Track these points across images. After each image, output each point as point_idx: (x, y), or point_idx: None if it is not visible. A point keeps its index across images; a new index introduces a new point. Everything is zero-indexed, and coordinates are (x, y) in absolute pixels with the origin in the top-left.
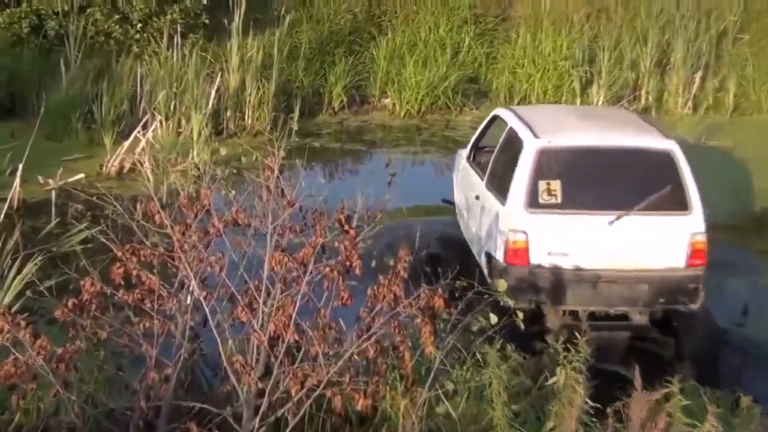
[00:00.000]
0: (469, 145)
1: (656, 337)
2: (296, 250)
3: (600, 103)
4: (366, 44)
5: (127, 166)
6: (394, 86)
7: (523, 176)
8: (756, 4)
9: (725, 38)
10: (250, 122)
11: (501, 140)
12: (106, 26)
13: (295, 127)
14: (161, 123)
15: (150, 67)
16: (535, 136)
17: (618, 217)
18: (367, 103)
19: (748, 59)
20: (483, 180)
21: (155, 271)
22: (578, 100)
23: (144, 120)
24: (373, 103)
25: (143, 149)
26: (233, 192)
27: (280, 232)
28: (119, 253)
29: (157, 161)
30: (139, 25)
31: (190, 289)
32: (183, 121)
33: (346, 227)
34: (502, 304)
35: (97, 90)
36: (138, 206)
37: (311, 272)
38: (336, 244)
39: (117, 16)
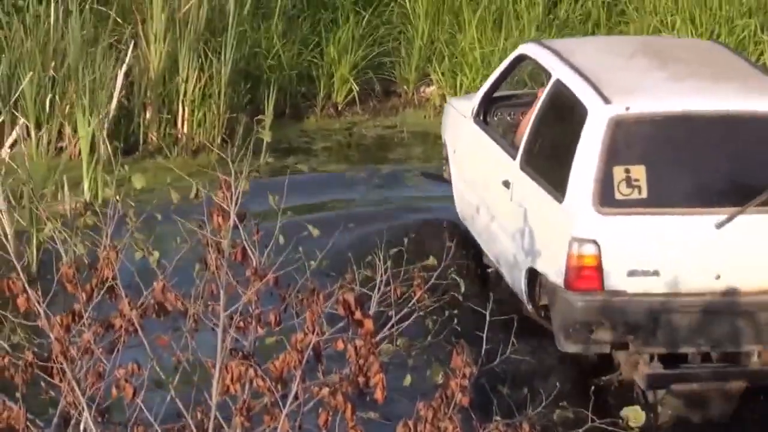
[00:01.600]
0: (479, 96)
1: None
2: (270, 357)
3: None
4: None
5: None
6: (442, 64)
7: (589, 160)
8: None
9: None
10: (185, 129)
11: (543, 97)
12: None
13: (267, 139)
14: (28, 131)
15: (9, 34)
16: (604, 99)
17: (729, 218)
18: (395, 94)
19: None
20: (515, 157)
21: (19, 395)
22: None
23: None
24: (406, 94)
25: None
26: (156, 254)
27: (241, 324)
28: None
29: (21, 199)
30: None
31: (81, 427)
32: (67, 129)
33: (358, 315)
34: None
35: None
36: None
37: (296, 396)
38: (340, 345)
39: None
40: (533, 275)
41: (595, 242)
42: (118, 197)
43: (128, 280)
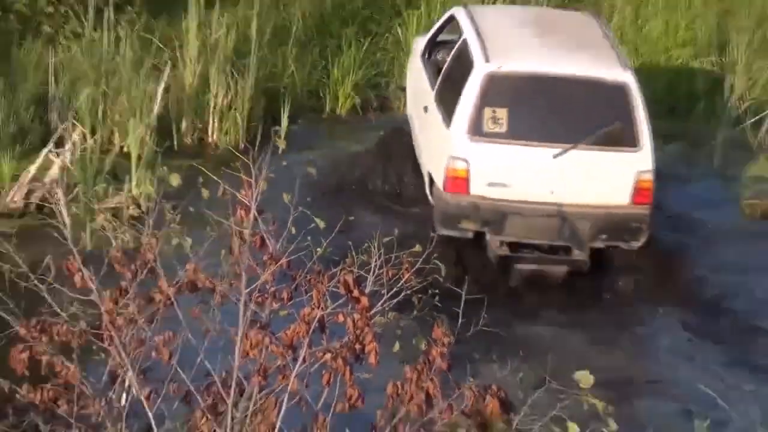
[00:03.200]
0: (425, 40)
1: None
2: (282, 327)
3: (735, 108)
4: (388, 22)
5: (34, 201)
6: None
7: (469, 101)
8: None
9: None
10: (214, 137)
11: (454, 49)
12: None
13: (282, 145)
14: (84, 137)
15: (68, 55)
16: (486, 58)
17: (563, 151)
18: (389, 108)
19: None
20: (433, 90)
21: (75, 357)
22: (701, 104)
23: (59, 132)
24: (398, 108)
25: (57, 176)
26: (189, 241)
27: (259, 300)
28: (22, 331)
29: (78, 194)
30: None
31: (126, 384)
32: (116, 135)
33: (356, 293)
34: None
35: None
36: (49, 262)
37: (304, 360)
38: (341, 318)
39: None
40: (431, 178)
41: (465, 160)
42: (159, 193)
43: (169, 262)
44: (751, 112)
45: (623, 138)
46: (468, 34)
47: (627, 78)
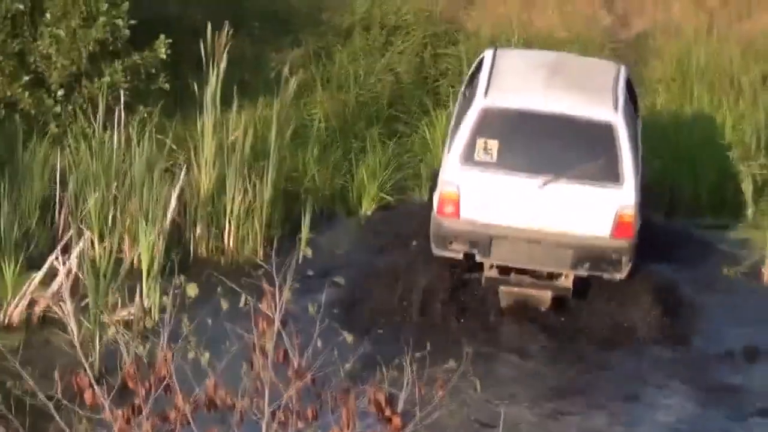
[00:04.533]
0: (466, 79)
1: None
2: None
3: None
4: (415, 121)
5: (39, 311)
6: None
7: (465, 132)
8: None
9: None
10: (231, 244)
11: (472, 87)
12: (8, 92)
13: (308, 254)
14: (92, 244)
15: (76, 157)
16: (485, 93)
17: (547, 182)
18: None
19: None
20: (451, 122)
21: None
22: (749, 210)
23: (65, 239)
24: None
25: (63, 285)
26: (207, 355)
27: (282, 419)
28: None
29: (86, 305)
30: (61, 91)
31: None
32: (126, 242)
33: (388, 412)
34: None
35: None
36: (56, 377)
37: None
38: None
39: (26, 78)
40: (431, 201)
41: (456, 185)
42: (173, 305)
43: (185, 378)
44: None
45: (607, 173)
46: (483, 72)
47: (614, 118)
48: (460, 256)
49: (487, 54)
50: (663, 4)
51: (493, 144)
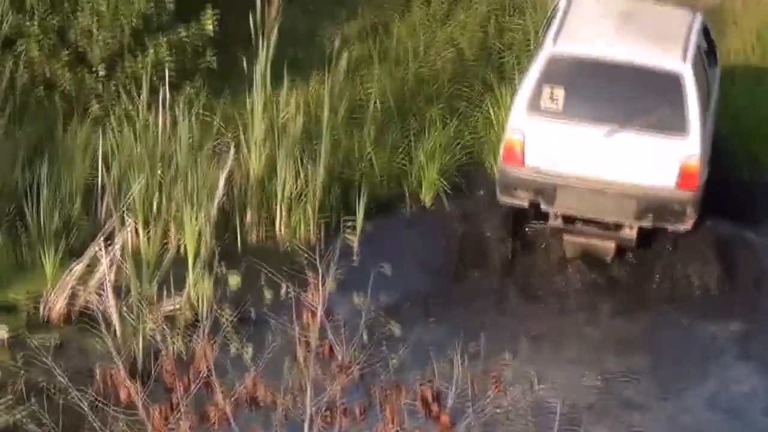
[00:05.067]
0: (543, 25)
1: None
2: None
3: None
4: (478, 99)
5: (79, 306)
6: None
7: (532, 79)
8: None
9: None
10: (282, 231)
11: (546, 31)
12: (47, 70)
13: (354, 242)
14: (136, 232)
15: (119, 138)
16: (554, 40)
17: (612, 131)
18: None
19: None
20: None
21: None
22: None
23: (108, 227)
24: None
25: (106, 276)
26: (249, 350)
27: (327, 416)
28: None
29: (128, 298)
30: (103, 68)
31: None
32: (172, 229)
33: (436, 410)
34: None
35: (32, 176)
36: (96, 373)
37: None
38: None
39: (66, 55)
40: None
41: (522, 133)
42: (217, 296)
43: (225, 372)
44: None
45: (673, 124)
46: (556, 18)
47: (683, 68)
48: (525, 204)
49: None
50: None
51: (560, 92)
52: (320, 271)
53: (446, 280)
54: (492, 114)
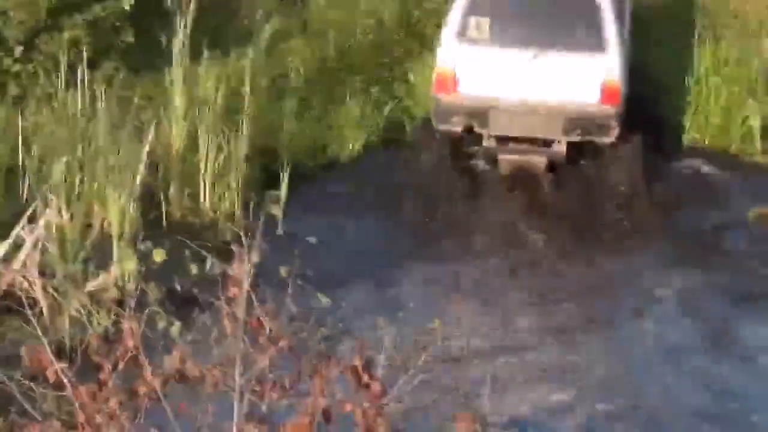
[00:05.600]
0: None
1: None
2: (284, 419)
3: None
4: (400, 66)
5: (4, 286)
6: None
7: (458, 11)
8: None
9: None
10: (205, 204)
11: None
12: None
13: (278, 212)
14: (59, 211)
15: (38, 117)
16: None
17: (537, 54)
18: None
19: None
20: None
21: None
22: None
23: (30, 208)
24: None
25: (29, 257)
26: (177, 325)
27: (256, 389)
28: None
29: (54, 277)
30: (20, 48)
31: None
32: (95, 208)
33: (366, 379)
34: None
35: None
36: (22, 355)
37: None
38: (349, 407)
39: None
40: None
41: (453, 63)
42: (142, 272)
43: (154, 349)
44: None
45: (593, 44)
46: None
47: None
48: (460, 129)
49: None
50: None
51: (485, 21)
52: (245, 242)
53: (372, 245)
54: (412, 78)
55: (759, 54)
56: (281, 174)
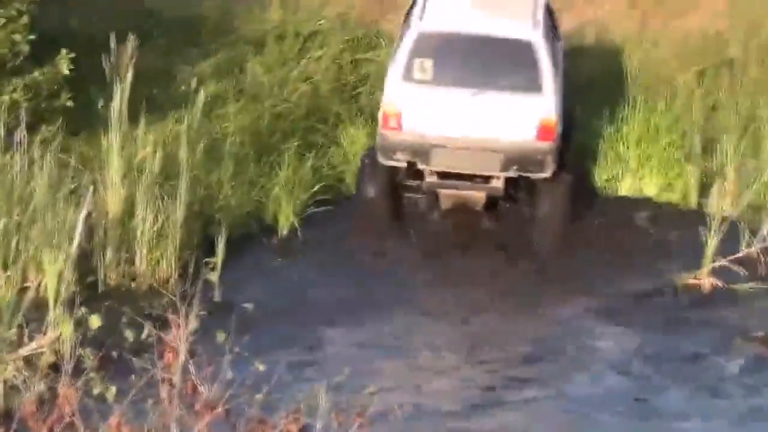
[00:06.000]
0: (405, 13)
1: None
2: None
3: (725, 216)
4: (334, 132)
5: None
6: None
7: (403, 54)
8: None
9: None
10: (142, 269)
11: (410, 13)
12: None
13: (215, 278)
14: None
15: None
16: (420, 18)
17: (477, 93)
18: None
19: None
20: (394, 47)
21: None
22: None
23: None
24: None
25: None
26: (113, 390)
27: None
28: None
29: None
30: None
31: None
32: (31, 271)
33: None
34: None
35: None
36: None
37: None
38: None
39: None
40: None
41: (398, 102)
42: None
43: (89, 415)
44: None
45: (530, 85)
46: (419, 1)
47: (534, 36)
48: (404, 164)
49: None
50: (595, 2)
51: (429, 63)
52: (181, 310)
53: (309, 307)
54: (346, 148)
55: (688, 118)
56: (217, 239)
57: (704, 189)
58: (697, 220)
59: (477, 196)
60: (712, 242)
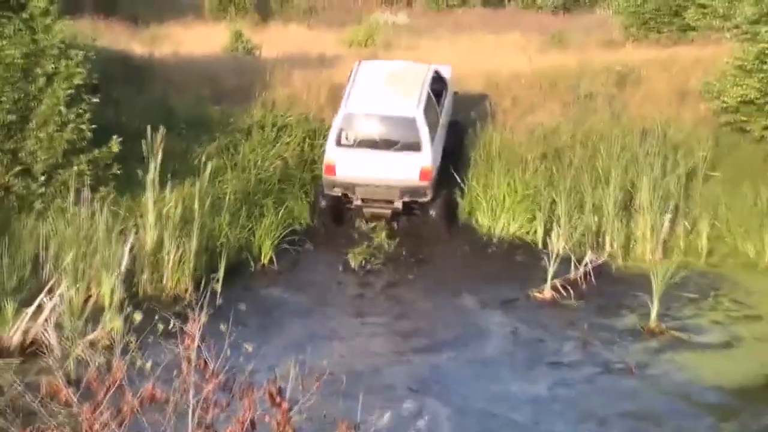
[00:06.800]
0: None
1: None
2: (223, 428)
3: (560, 250)
4: (300, 191)
5: (31, 337)
6: None
7: (336, 127)
8: (727, 137)
9: (695, 176)
10: (168, 284)
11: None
12: (5, 179)
13: (218, 289)
14: (68, 287)
15: (55, 225)
16: (345, 103)
17: (381, 152)
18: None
19: (721, 198)
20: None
21: None
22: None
23: (49, 284)
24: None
25: (48, 318)
26: (149, 364)
27: (204, 407)
28: None
29: (64, 331)
30: (43, 177)
31: None
32: (93, 285)
33: (278, 400)
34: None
35: None
36: (42, 383)
37: None
38: (267, 418)
39: (17, 168)
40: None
41: (334, 159)
42: (126, 328)
43: (133, 380)
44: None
45: (414, 146)
46: (349, 82)
47: (416, 113)
48: (340, 194)
49: (354, 66)
50: None
51: (352, 132)
52: (195, 310)
53: (287, 307)
54: (308, 201)
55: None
56: (219, 264)
57: (547, 231)
58: (541, 253)
59: (385, 212)
60: (551, 268)
